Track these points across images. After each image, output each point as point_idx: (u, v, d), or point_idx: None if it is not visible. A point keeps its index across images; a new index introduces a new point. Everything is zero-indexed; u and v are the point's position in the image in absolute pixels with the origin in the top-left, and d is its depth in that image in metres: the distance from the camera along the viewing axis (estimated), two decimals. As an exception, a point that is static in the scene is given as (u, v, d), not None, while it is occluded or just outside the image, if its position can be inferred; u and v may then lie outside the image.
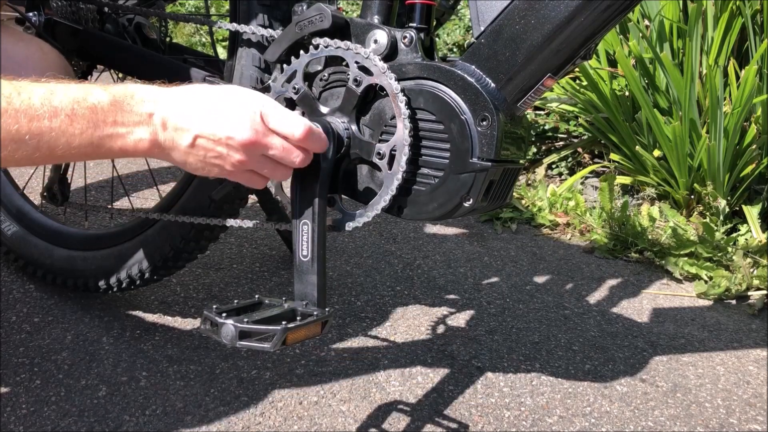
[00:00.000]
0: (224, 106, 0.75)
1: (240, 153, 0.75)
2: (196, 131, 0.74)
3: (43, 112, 0.67)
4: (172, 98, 0.75)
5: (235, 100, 0.76)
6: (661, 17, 1.97)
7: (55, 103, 0.68)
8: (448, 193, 0.82)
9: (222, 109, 0.75)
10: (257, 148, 0.76)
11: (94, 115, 0.70)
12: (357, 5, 3.53)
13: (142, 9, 1.23)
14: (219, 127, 0.74)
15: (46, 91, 0.69)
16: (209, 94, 0.76)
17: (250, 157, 0.76)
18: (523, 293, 1.53)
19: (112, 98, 0.72)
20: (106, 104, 0.71)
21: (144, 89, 0.75)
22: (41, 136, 0.68)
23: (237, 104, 0.75)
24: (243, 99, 0.76)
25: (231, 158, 0.75)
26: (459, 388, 1.13)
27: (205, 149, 0.75)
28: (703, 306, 1.56)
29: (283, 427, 1.01)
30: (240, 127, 0.74)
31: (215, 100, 0.75)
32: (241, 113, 0.75)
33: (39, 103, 0.67)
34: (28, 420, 0.98)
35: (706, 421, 1.10)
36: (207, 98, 0.75)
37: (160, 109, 0.74)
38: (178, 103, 0.74)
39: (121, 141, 0.73)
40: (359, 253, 1.68)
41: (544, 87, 0.81)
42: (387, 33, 0.85)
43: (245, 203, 1.18)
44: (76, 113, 0.69)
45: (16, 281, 1.37)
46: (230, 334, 0.73)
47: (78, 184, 1.71)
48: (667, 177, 1.97)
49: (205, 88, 0.77)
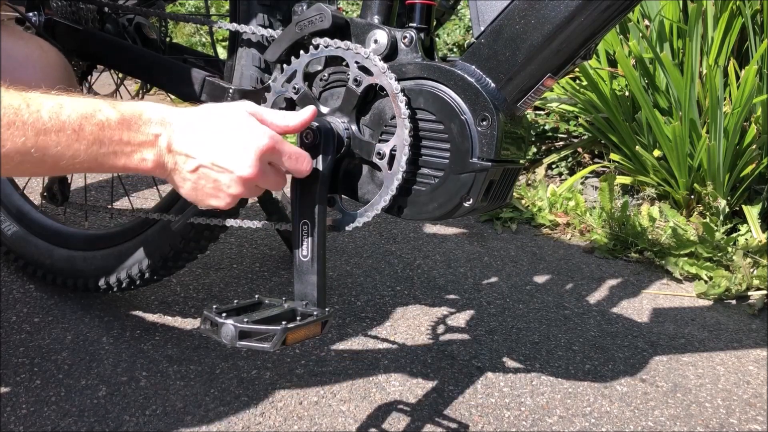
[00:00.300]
0: (233, 139, 0.74)
1: (240, 187, 0.76)
2: (201, 160, 0.74)
3: (51, 126, 0.67)
4: (181, 121, 0.75)
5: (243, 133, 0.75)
6: (661, 17, 1.97)
7: (63, 118, 0.68)
8: (448, 193, 0.82)
9: (230, 141, 0.74)
10: (256, 182, 0.77)
11: (101, 132, 0.70)
12: (357, 5, 3.53)
13: (142, 9, 1.23)
14: (224, 159, 0.74)
15: (55, 105, 0.68)
16: (218, 121, 0.75)
17: (248, 189, 0.77)
18: (523, 293, 1.53)
19: (120, 116, 0.72)
20: (114, 122, 0.71)
21: (153, 109, 0.74)
22: (47, 149, 0.68)
23: (245, 138, 0.75)
24: (251, 133, 0.75)
25: (230, 190, 0.76)
26: (459, 388, 1.13)
27: (205, 179, 0.75)
28: (703, 306, 1.56)
29: (283, 427, 1.01)
30: (246, 164, 0.74)
31: (224, 130, 0.75)
32: (249, 149, 0.74)
33: (47, 116, 0.67)
34: (28, 420, 0.98)
35: (706, 421, 1.10)
36: (215, 126, 0.75)
37: (167, 131, 0.74)
38: (186, 128, 0.74)
39: (125, 159, 0.73)
40: (359, 253, 1.68)
41: (544, 87, 0.81)
42: (387, 33, 0.85)
43: (245, 203, 1.18)
44: (83, 129, 0.69)
45: (16, 281, 1.37)
46: (230, 334, 0.73)
47: (78, 184, 1.71)
48: (667, 177, 1.97)
49: (215, 112, 0.77)
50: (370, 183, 0.88)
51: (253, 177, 0.75)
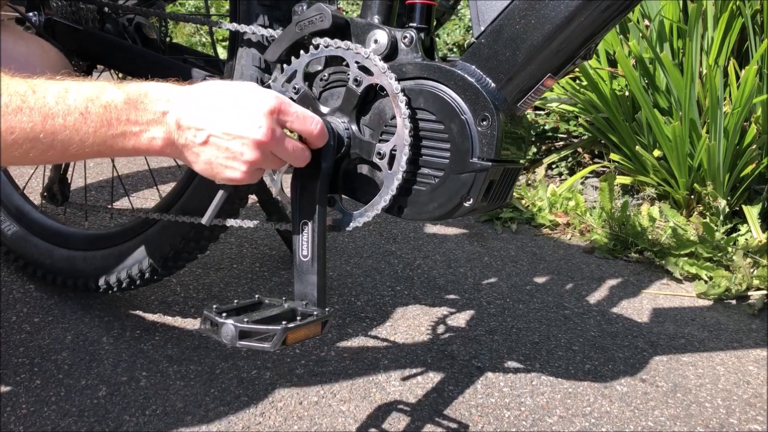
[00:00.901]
0: (239, 105, 0.74)
1: (255, 151, 0.75)
2: (211, 130, 0.74)
3: (58, 110, 0.67)
4: (186, 96, 0.74)
5: (249, 97, 0.75)
6: (661, 17, 1.97)
7: (69, 102, 0.68)
8: (449, 193, 0.82)
9: (237, 108, 0.74)
10: (270, 147, 0.75)
11: (108, 114, 0.70)
12: (357, 5, 3.53)
13: (142, 9, 1.23)
14: (234, 125, 0.74)
15: (61, 89, 0.68)
16: (223, 92, 0.75)
17: (263, 155, 0.75)
18: (523, 293, 1.53)
19: (126, 96, 0.72)
20: (120, 102, 0.71)
21: (157, 87, 0.74)
22: (55, 134, 0.68)
23: (251, 102, 0.74)
24: (257, 97, 0.75)
25: (244, 156, 0.75)
26: (459, 388, 1.13)
27: (218, 148, 0.75)
28: (703, 306, 1.56)
29: (283, 427, 1.01)
30: (255, 125, 0.74)
31: (230, 98, 0.75)
32: (256, 111, 0.74)
33: (53, 101, 0.67)
34: (28, 420, 0.98)
35: (706, 421, 1.10)
36: (221, 96, 0.75)
37: (174, 107, 0.73)
38: (192, 102, 0.74)
39: (134, 140, 0.73)
40: (359, 253, 1.68)
41: (544, 87, 0.81)
42: (387, 33, 0.85)
43: (245, 203, 1.18)
44: (90, 111, 0.69)
45: (16, 281, 1.37)
46: (230, 334, 0.73)
47: (78, 184, 1.71)
48: (667, 177, 1.97)
49: (219, 85, 0.77)
50: (371, 183, 0.88)
51: (266, 140, 0.74)
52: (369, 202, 0.87)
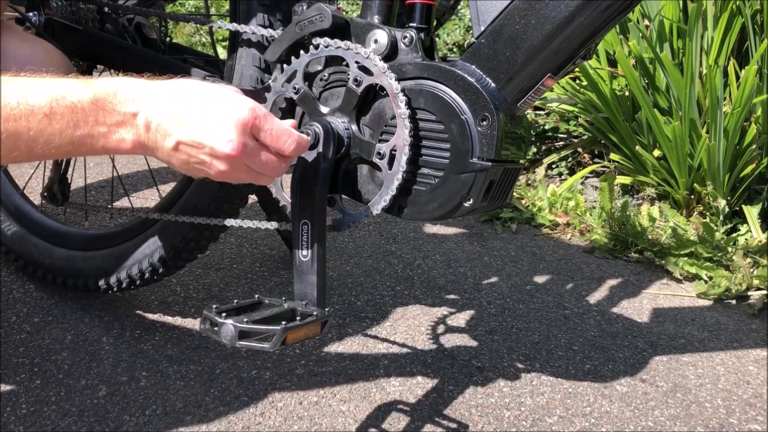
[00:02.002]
0: (211, 113, 0.70)
1: (223, 163, 0.72)
2: (179, 137, 0.71)
3: (20, 111, 0.65)
4: (157, 97, 0.71)
5: (223, 106, 0.71)
6: (661, 17, 1.97)
7: (32, 102, 0.66)
8: (448, 193, 0.82)
9: (208, 116, 0.70)
10: (241, 160, 0.72)
11: (74, 115, 0.68)
12: (357, 5, 3.53)
13: (142, 9, 1.23)
14: (203, 135, 0.70)
15: (23, 88, 0.66)
16: (197, 95, 0.72)
17: (232, 167, 0.73)
18: (523, 293, 1.53)
19: (93, 96, 0.69)
20: (87, 103, 0.69)
21: (128, 86, 0.71)
22: (18, 135, 0.66)
23: (224, 112, 0.71)
24: (231, 106, 0.71)
25: (213, 167, 0.72)
26: (459, 388, 1.13)
27: (188, 154, 0.72)
28: (703, 306, 1.56)
29: (283, 427, 1.01)
30: (225, 139, 0.70)
31: (203, 105, 0.71)
32: (227, 123, 0.70)
33: (15, 101, 0.65)
34: (28, 420, 0.98)
35: (706, 421, 1.10)
36: (194, 100, 0.71)
37: (144, 108, 0.70)
38: (163, 104, 0.71)
39: (103, 140, 0.70)
40: (359, 253, 1.68)
41: (544, 87, 0.81)
42: (387, 33, 0.85)
43: (245, 203, 1.18)
44: (54, 112, 0.67)
45: (16, 281, 1.37)
46: (230, 334, 0.73)
47: (78, 184, 1.71)
48: (667, 177, 1.97)
49: (193, 87, 0.73)
50: (370, 183, 0.88)
51: (235, 155, 0.71)
52: (369, 202, 0.87)
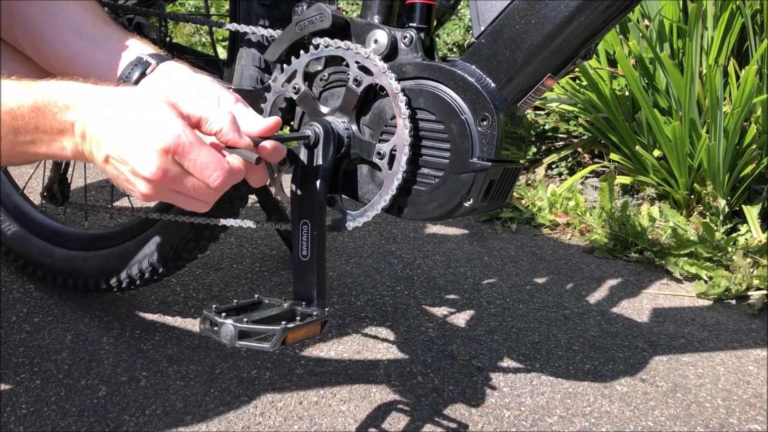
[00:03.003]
0: (138, 132, 0.68)
1: (145, 186, 0.70)
2: (107, 151, 0.69)
3: None
4: (94, 106, 0.69)
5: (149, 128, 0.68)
6: (661, 17, 1.97)
7: None
8: (448, 193, 0.82)
9: (135, 135, 0.68)
10: (164, 185, 0.70)
11: (14, 121, 0.67)
12: (357, 5, 3.53)
13: (142, 9, 1.23)
14: (127, 153, 0.68)
15: None
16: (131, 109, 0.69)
17: (156, 190, 0.70)
18: (523, 293, 1.53)
19: (33, 103, 0.68)
20: (27, 110, 0.68)
21: (68, 92, 0.70)
22: None
23: (149, 133, 0.68)
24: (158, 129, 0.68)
25: (137, 187, 0.70)
26: (459, 388, 1.13)
27: (117, 170, 0.70)
28: (703, 306, 1.56)
29: (283, 427, 1.01)
30: (144, 162, 0.68)
31: (133, 121, 0.68)
32: (149, 146, 0.67)
33: None
34: (28, 420, 0.98)
35: (706, 421, 1.10)
36: (127, 114, 0.69)
37: (82, 117, 0.69)
38: (99, 114, 0.69)
39: (45, 147, 0.70)
40: (359, 253, 1.68)
41: (544, 87, 0.81)
42: (387, 33, 0.85)
43: (245, 203, 1.18)
44: None
45: (16, 281, 1.37)
46: (230, 333, 0.73)
47: (78, 184, 1.71)
48: (667, 177, 1.97)
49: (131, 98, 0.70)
50: (370, 183, 0.88)
51: (155, 179, 0.68)
52: (369, 202, 0.87)
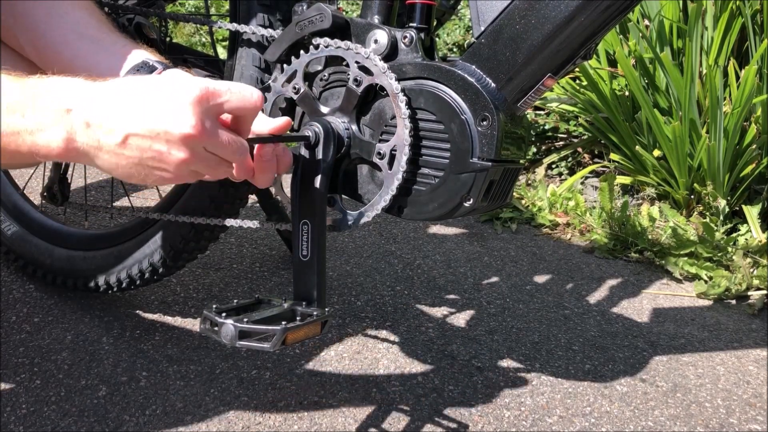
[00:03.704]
0: (161, 97, 0.64)
1: (182, 150, 0.65)
2: (128, 129, 0.63)
3: None
4: (97, 91, 0.65)
5: (171, 89, 0.65)
6: (661, 17, 1.97)
7: None
8: (449, 193, 0.82)
9: (158, 100, 0.64)
10: (202, 142, 0.65)
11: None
12: (357, 5, 3.53)
13: (142, 9, 1.23)
14: (156, 121, 0.63)
15: None
16: (139, 85, 0.66)
17: (194, 153, 0.66)
18: (523, 293, 1.53)
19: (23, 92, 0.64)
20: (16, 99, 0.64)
21: (63, 85, 0.65)
22: None
23: (175, 93, 0.64)
24: (181, 86, 0.65)
25: (172, 158, 0.65)
26: (459, 388, 1.13)
27: (140, 149, 0.64)
28: (703, 306, 1.56)
29: (283, 427, 1.00)
30: (184, 117, 0.63)
31: (149, 91, 0.65)
32: (181, 102, 0.64)
33: None
34: (28, 420, 0.98)
35: (706, 421, 1.10)
36: (139, 90, 0.65)
37: (81, 103, 0.64)
38: (105, 97, 0.64)
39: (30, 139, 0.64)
40: (359, 253, 1.68)
41: (544, 87, 0.81)
42: (387, 33, 0.85)
43: (245, 203, 1.18)
44: None
45: (16, 281, 1.37)
46: (230, 333, 0.73)
47: (78, 184, 1.71)
48: (667, 177, 1.97)
49: (135, 79, 0.68)
50: (370, 183, 0.88)
51: (195, 134, 0.64)
52: (369, 202, 0.87)
